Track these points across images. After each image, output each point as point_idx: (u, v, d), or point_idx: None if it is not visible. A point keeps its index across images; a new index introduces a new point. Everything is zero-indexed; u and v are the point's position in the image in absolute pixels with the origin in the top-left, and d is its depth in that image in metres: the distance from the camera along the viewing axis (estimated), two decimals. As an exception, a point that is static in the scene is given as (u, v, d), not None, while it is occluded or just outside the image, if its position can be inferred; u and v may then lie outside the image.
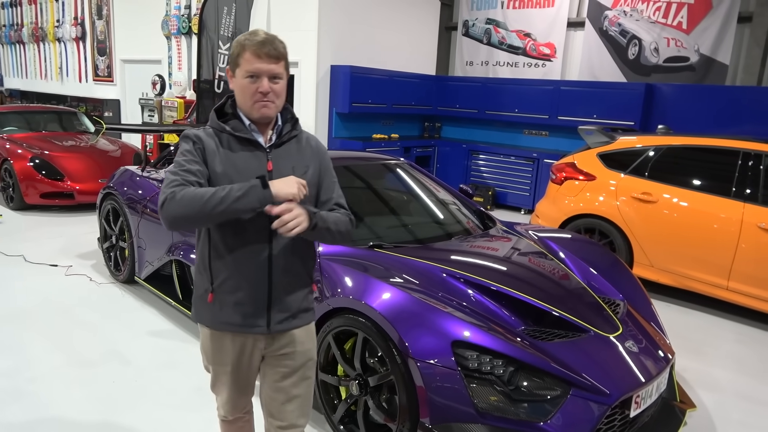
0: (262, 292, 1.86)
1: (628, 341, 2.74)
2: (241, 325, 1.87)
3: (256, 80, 1.77)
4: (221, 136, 1.85)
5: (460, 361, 2.34)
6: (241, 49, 1.79)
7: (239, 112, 1.87)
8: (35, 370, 3.31)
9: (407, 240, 3.43)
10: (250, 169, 1.82)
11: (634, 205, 5.07)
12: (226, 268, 1.84)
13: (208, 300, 1.88)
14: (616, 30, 8.64)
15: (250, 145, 1.85)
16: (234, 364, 1.95)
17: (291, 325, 1.93)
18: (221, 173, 1.80)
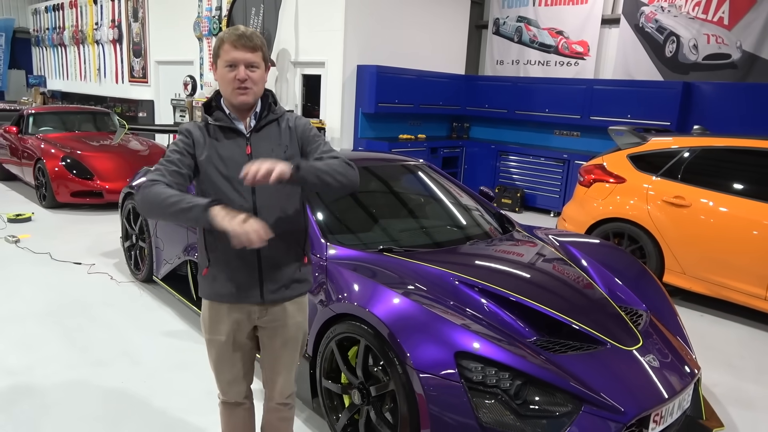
0: (252, 265, 2.02)
1: (649, 355, 2.58)
2: (235, 296, 2.05)
3: (234, 69, 1.92)
4: (208, 127, 2.03)
5: (463, 373, 2.23)
6: (220, 42, 1.95)
7: (222, 103, 2.03)
8: (48, 368, 3.34)
9: (420, 244, 3.32)
10: (232, 155, 1.99)
11: (666, 209, 4.83)
12: (217, 244, 2.01)
13: (203, 273, 2.08)
14: (653, 26, 8.32)
15: (231, 132, 2.02)
16: (228, 334, 2.10)
17: (284, 295, 2.10)
18: (206, 160, 1.98)
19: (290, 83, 9.21)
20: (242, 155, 1.99)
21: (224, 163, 1.98)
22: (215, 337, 2.13)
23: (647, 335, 2.74)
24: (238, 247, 1.77)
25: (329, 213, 3.47)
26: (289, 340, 2.17)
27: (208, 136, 2.00)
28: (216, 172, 1.98)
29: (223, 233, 1.81)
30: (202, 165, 1.99)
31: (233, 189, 1.97)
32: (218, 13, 10.28)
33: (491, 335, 2.38)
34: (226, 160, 1.98)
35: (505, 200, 8.80)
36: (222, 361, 2.17)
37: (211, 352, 2.17)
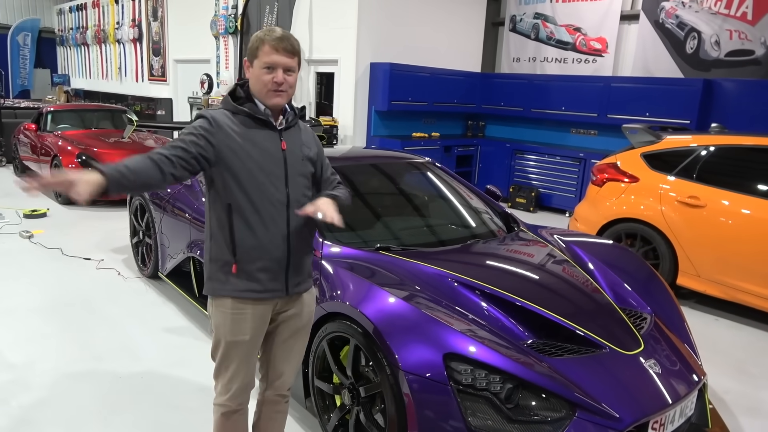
0: (283, 257, 2.04)
1: (651, 359, 2.49)
2: (262, 291, 2.03)
3: (272, 71, 1.95)
4: (237, 116, 2.00)
5: (452, 375, 2.17)
6: (260, 43, 1.96)
7: (254, 98, 2.02)
8: (48, 363, 3.37)
9: (419, 243, 3.27)
10: (267, 145, 2.01)
11: (681, 209, 4.69)
12: (251, 238, 1.98)
13: (232, 271, 2.00)
14: (674, 22, 8.12)
15: (265, 126, 2.02)
16: (253, 332, 2.06)
17: (303, 287, 2.15)
18: (239, 149, 1.96)
19: (304, 81, 9.20)
20: (278, 149, 2.02)
21: (261, 154, 1.98)
22: (239, 338, 2.05)
23: (650, 339, 2.64)
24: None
25: (328, 210, 3.43)
26: (301, 329, 2.21)
27: (241, 126, 1.98)
28: (253, 162, 1.97)
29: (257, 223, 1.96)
30: (232, 153, 1.95)
31: (270, 182, 1.99)
32: (234, 12, 10.34)
33: (483, 337, 2.32)
34: (261, 152, 1.99)
35: (520, 200, 8.68)
36: (241, 364, 2.09)
37: (234, 355, 2.07)
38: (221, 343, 2.08)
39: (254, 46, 1.98)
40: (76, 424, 2.80)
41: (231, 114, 2.01)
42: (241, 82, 2.09)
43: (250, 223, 1.97)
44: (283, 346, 2.20)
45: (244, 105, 2.01)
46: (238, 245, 1.99)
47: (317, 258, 2.94)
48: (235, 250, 1.99)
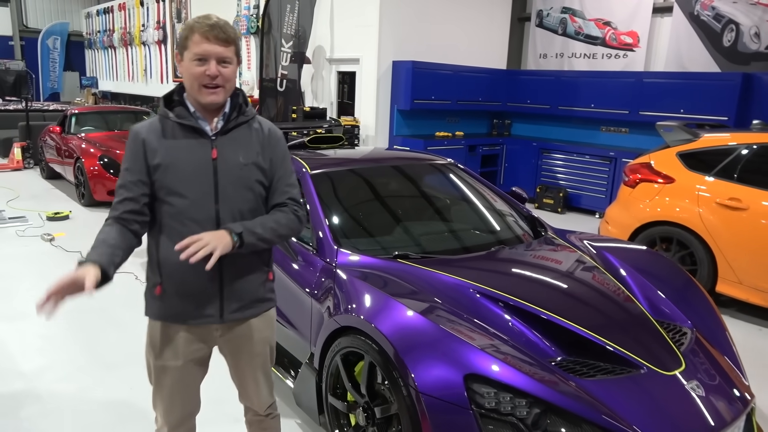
0: (212, 281, 1.81)
1: (693, 380, 2.27)
2: (192, 316, 1.84)
3: (204, 63, 1.70)
4: (165, 123, 1.78)
5: (474, 398, 1.99)
6: (189, 32, 1.72)
7: (185, 98, 1.79)
8: (58, 372, 3.30)
9: (440, 250, 3.09)
10: (195, 158, 1.77)
11: (720, 212, 4.42)
12: (174, 259, 1.71)
13: (156, 292, 1.84)
14: (710, 14, 7.75)
15: (194, 132, 1.78)
16: (186, 358, 1.89)
17: (246, 314, 1.91)
18: (165, 165, 1.75)
19: (325, 81, 9.08)
20: (207, 159, 1.77)
21: (183, 167, 1.75)
22: (169, 363, 1.88)
23: (691, 357, 2.42)
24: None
25: (346, 215, 3.29)
26: (255, 356, 2.00)
27: (164, 138, 1.76)
28: (174, 177, 1.75)
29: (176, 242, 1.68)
30: (156, 171, 1.74)
31: (193, 198, 1.76)
32: (256, 12, 10.28)
33: (508, 356, 2.13)
34: (186, 163, 1.75)
35: (547, 200, 8.41)
36: (176, 392, 1.93)
37: (163, 382, 1.91)
38: (150, 367, 1.94)
39: (183, 36, 1.72)
40: (84, 438, 2.71)
41: (160, 120, 1.78)
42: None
43: (176, 242, 1.68)
44: (245, 372, 2.03)
45: (174, 109, 1.77)
46: (163, 266, 1.80)
47: (331, 266, 2.79)
48: (161, 271, 1.81)
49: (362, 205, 3.46)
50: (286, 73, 8.79)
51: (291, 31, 8.63)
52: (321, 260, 2.88)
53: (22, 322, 3.93)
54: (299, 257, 3.02)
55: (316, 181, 3.30)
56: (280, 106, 8.87)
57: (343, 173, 3.53)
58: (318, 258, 2.91)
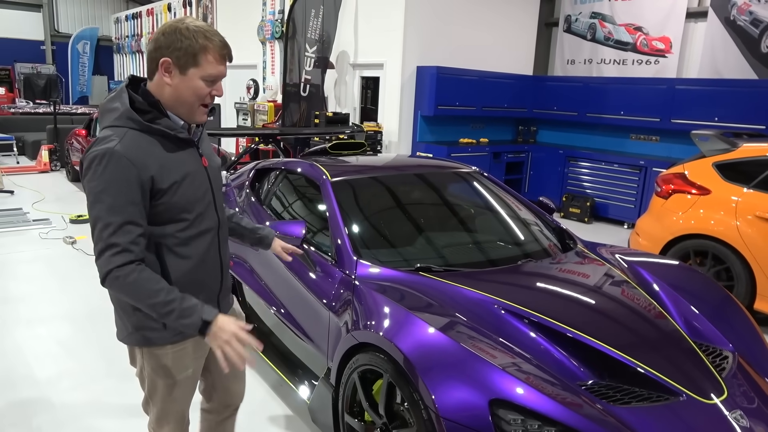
0: (216, 285, 1.86)
1: (737, 410, 2.10)
2: None
3: (213, 84, 1.62)
4: (150, 136, 1.61)
5: (499, 425, 1.86)
6: (203, 50, 1.57)
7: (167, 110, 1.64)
8: (73, 380, 3.25)
9: (465, 263, 2.96)
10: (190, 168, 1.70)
11: (759, 225, 4.20)
12: (187, 276, 1.72)
13: None
14: (746, 19, 7.48)
15: (185, 144, 1.70)
16: (195, 364, 1.88)
17: (229, 302, 2.01)
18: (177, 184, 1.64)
19: (349, 86, 9.02)
20: (201, 169, 1.74)
21: (186, 180, 1.66)
22: (183, 375, 1.82)
23: (734, 383, 2.25)
24: (226, 368, 1.58)
25: (366, 225, 3.19)
26: None
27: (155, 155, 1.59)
28: (184, 194, 1.66)
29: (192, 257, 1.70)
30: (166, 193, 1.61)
31: (200, 211, 1.72)
32: (281, 17, 10.29)
33: (537, 379, 2.00)
34: (186, 176, 1.66)
35: (574, 209, 8.20)
36: (185, 401, 1.91)
37: (176, 397, 1.85)
38: (159, 388, 1.82)
39: (193, 50, 1.55)
40: (94, 450, 2.65)
41: (140, 134, 1.59)
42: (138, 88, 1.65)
43: (184, 259, 1.68)
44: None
45: (157, 122, 1.61)
46: (175, 282, 1.67)
47: (350, 279, 2.69)
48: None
49: (383, 214, 3.35)
50: (309, 78, 8.75)
51: (315, 35, 8.59)
52: (340, 271, 2.78)
53: (40, 327, 3.91)
54: (317, 267, 2.93)
55: (336, 189, 3.21)
56: (303, 112, 8.83)
57: (364, 181, 3.42)
58: (337, 269, 2.81)
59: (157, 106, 1.62)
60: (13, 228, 6.34)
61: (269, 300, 3.32)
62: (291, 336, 3.13)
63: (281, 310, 3.20)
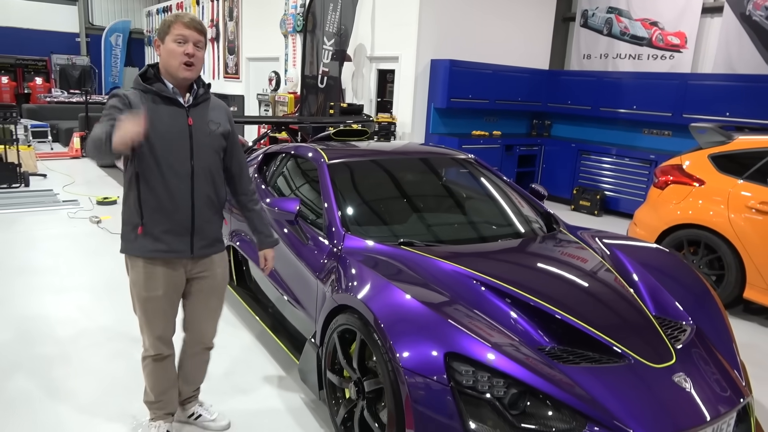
0: (186, 221, 2.26)
1: (681, 374, 2.27)
2: (168, 251, 2.26)
3: (183, 44, 2.15)
4: (146, 95, 2.19)
5: (453, 376, 2.08)
6: (172, 21, 2.17)
7: (163, 77, 2.22)
8: (91, 339, 3.57)
9: (447, 239, 3.17)
10: (175, 123, 2.21)
11: (751, 216, 4.29)
12: (155, 203, 2.21)
13: (138, 232, 2.23)
14: (762, 14, 7.46)
15: (172, 104, 2.22)
16: (165, 288, 2.30)
17: (209, 251, 2.38)
18: (150, 124, 2.10)
19: (365, 78, 9.25)
20: (184, 125, 2.23)
21: (166, 130, 2.18)
22: (152, 293, 2.29)
23: (685, 352, 2.42)
24: (119, 146, 1.92)
25: (358, 204, 3.41)
26: (216, 288, 2.46)
27: (147, 102, 2.16)
28: (158, 137, 2.16)
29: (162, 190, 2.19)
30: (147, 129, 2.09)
31: (172, 154, 2.19)
32: (303, 10, 10.54)
33: (492, 338, 2.20)
34: (168, 127, 2.19)
35: (584, 202, 8.29)
36: (157, 316, 2.34)
37: (147, 309, 2.32)
38: (136, 299, 2.34)
39: (166, 25, 2.17)
40: (108, 396, 2.94)
41: (141, 93, 2.18)
42: (152, 64, 2.27)
43: (156, 190, 2.20)
44: (201, 305, 2.45)
45: (153, 85, 2.19)
46: (144, 209, 2.21)
47: (337, 250, 2.92)
48: (142, 213, 2.21)
49: (375, 194, 3.57)
50: (327, 70, 8.99)
51: (333, 29, 8.83)
52: (329, 244, 3.02)
53: (63, 294, 4.25)
54: (310, 241, 3.17)
55: (331, 170, 3.44)
56: (320, 103, 9.09)
57: (360, 164, 3.65)
58: (326, 242, 3.05)
59: (156, 75, 2.22)
60: (44, 207, 6.76)
61: (271, 274, 3.57)
62: (290, 308, 3.38)
63: (281, 283, 3.45)
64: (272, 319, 3.60)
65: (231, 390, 3.05)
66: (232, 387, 3.08)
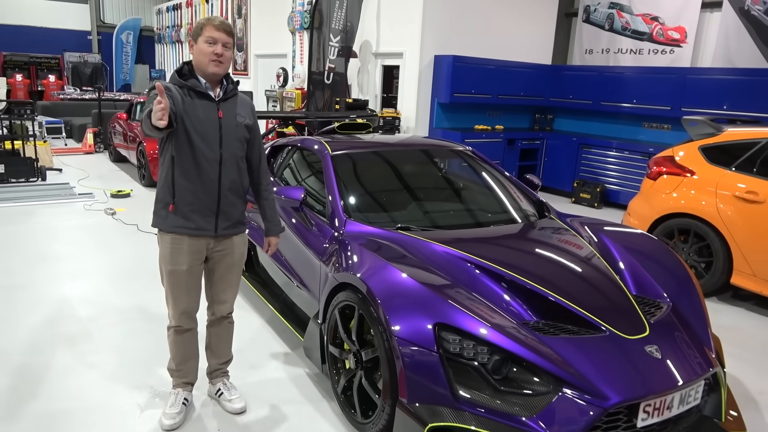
0: (213, 203, 2.51)
1: (652, 345, 2.47)
2: (195, 228, 2.51)
3: (213, 45, 2.41)
4: (183, 90, 2.45)
5: (441, 344, 2.29)
6: (203, 24, 2.45)
7: (196, 74, 2.48)
8: (109, 319, 3.82)
9: (441, 225, 3.39)
10: (207, 115, 2.47)
11: (737, 205, 4.47)
12: (187, 185, 2.46)
13: (169, 210, 2.49)
14: (761, 9, 7.58)
15: (204, 98, 2.48)
16: (189, 263, 2.54)
17: (231, 232, 2.62)
18: (186, 115, 2.41)
19: (371, 74, 9.45)
20: (215, 117, 2.49)
21: (200, 120, 2.44)
22: (177, 267, 2.53)
23: (659, 327, 2.62)
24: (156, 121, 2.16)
25: (359, 192, 3.63)
26: (234, 265, 2.71)
27: (183, 95, 2.42)
28: (192, 126, 2.43)
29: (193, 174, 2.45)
30: (182, 118, 2.39)
31: (204, 142, 2.45)
32: (310, 8, 10.75)
33: (478, 311, 2.41)
34: (201, 118, 2.45)
35: (584, 195, 8.46)
36: (181, 290, 2.58)
37: (172, 282, 2.57)
38: (163, 272, 2.58)
39: (199, 27, 2.43)
40: (127, 369, 3.19)
41: (178, 87, 2.44)
42: (187, 61, 2.52)
43: (188, 173, 2.46)
44: (221, 279, 2.71)
45: (188, 80, 2.45)
46: (176, 189, 2.47)
47: (338, 235, 3.14)
48: (174, 193, 2.47)
49: (375, 183, 3.79)
50: (333, 66, 9.21)
51: (339, 26, 9.03)
52: (331, 229, 3.24)
53: (82, 279, 4.51)
54: (314, 227, 3.39)
55: (335, 161, 3.66)
56: (326, 98, 9.31)
57: (361, 155, 3.87)
58: (329, 227, 3.27)
59: (191, 72, 2.48)
60: (61, 200, 7.04)
61: (278, 260, 3.80)
62: (296, 290, 3.61)
63: (287, 267, 3.68)
64: (279, 302, 3.83)
65: (241, 365, 3.28)
66: (242, 362, 3.31)
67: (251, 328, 3.81)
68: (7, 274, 4.55)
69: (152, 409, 2.83)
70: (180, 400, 2.76)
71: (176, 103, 2.36)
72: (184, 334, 2.72)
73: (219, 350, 2.90)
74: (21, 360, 3.25)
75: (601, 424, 2.24)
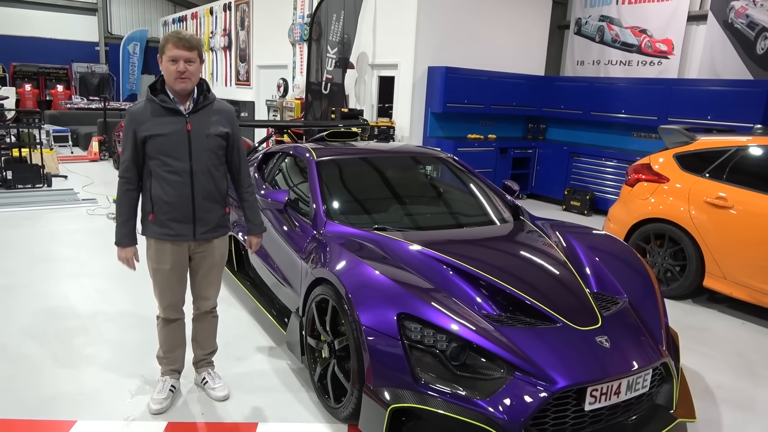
0: (188, 211, 2.70)
1: (603, 336, 2.66)
2: (175, 235, 2.72)
3: (176, 63, 2.55)
4: (153, 105, 2.62)
5: (404, 332, 2.50)
6: (165, 42, 2.57)
7: (167, 88, 2.64)
8: (106, 315, 4.04)
9: (416, 226, 3.60)
10: (175, 130, 2.62)
11: (708, 210, 4.66)
12: (163, 196, 2.66)
13: (149, 219, 2.71)
14: (743, 22, 7.80)
15: (173, 113, 2.63)
16: (172, 263, 2.78)
17: (211, 236, 2.82)
18: (152, 134, 2.59)
19: (367, 84, 9.71)
20: (183, 130, 2.64)
21: (167, 136, 2.60)
22: (161, 266, 2.78)
23: (611, 320, 2.80)
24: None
25: (341, 194, 3.85)
26: (215, 265, 2.92)
27: (151, 116, 2.60)
28: (161, 142, 2.60)
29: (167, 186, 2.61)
30: (147, 137, 2.59)
31: (172, 157, 2.62)
32: (309, 20, 11.05)
33: (440, 303, 2.62)
34: (169, 134, 2.61)
35: (574, 202, 8.66)
36: (166, 286, 2.83)
37: (157, 279, 2.83)
38: (150, 270, 2.82)
39: (162, 45, 2.56)
40: (120, 360, 3.41)
41: (149, 103, 2.61)
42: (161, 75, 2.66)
43: (163, 186, 2.66)
44: (204, 278, 2.93)
45: (157, 96, 2.61)
46: (154, 201, 2.67)
47: (319, 235, 3.36)
48: (153, 204, 2.68)
49: (357, 187, 4.01)
50: (331, 77, 9.47)
51: (336, 38, 9.31)
52: (313, 229, 3.46)
53: (83, 279, 4.74)
54: (297, 228, 3.62)
55: (319, 166, 3.88)
56: (324, 108, 9.56)
57: (345, 161, 4.10)
58: (311, 228, 3.49)
59: (162, 87, 2.64)
60: (65, 205, 7.30)
61: (265, 259, 4.02)
62: (281, 288, 3.82)
63: (273, 266, 3.90)
64: (266, 298, 4.04)
65: (227, 357, 3.49)
66: (229, 354, 3.52)
67: (240, 324, 4.02)
68: (11, 274, 4.80)
69: (142, 395, 3.05)
70: (167, 386, 2.97)
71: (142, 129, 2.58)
72: (170, 324, 2.94)
73: (204, 342, 3.12)
74: (21, 351, 3.47)
75: (551, 407, 2.43)
